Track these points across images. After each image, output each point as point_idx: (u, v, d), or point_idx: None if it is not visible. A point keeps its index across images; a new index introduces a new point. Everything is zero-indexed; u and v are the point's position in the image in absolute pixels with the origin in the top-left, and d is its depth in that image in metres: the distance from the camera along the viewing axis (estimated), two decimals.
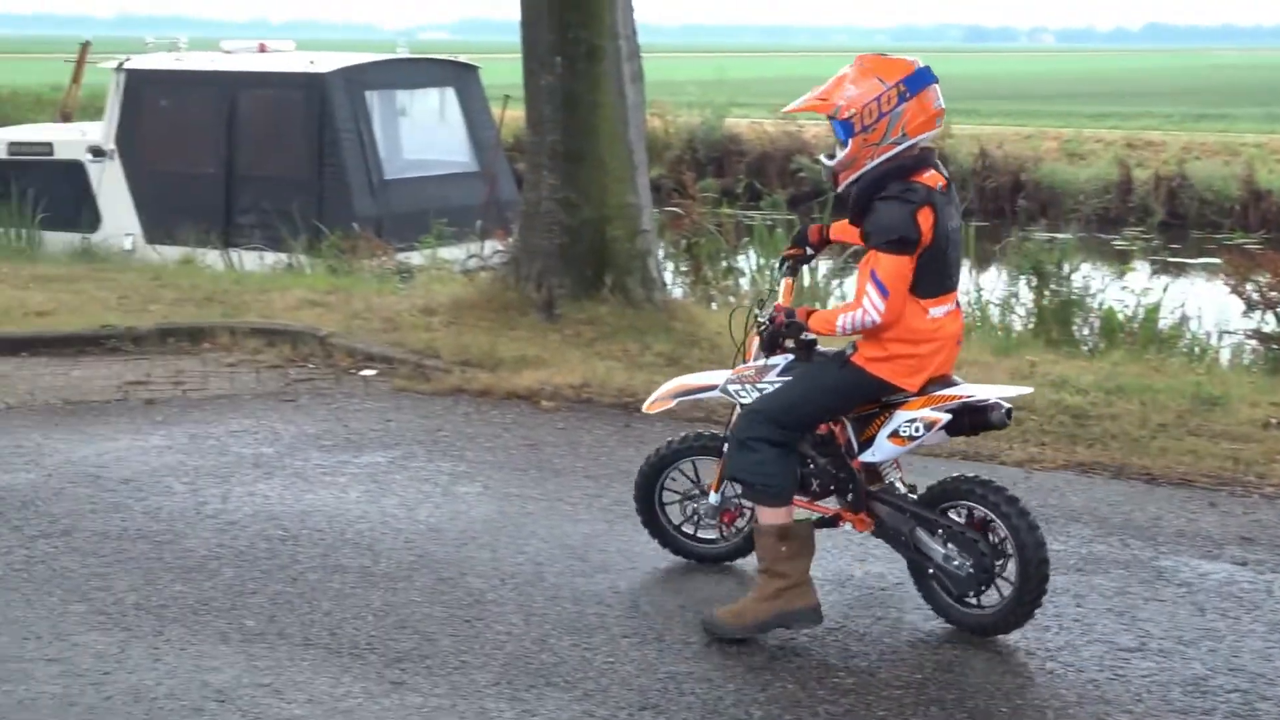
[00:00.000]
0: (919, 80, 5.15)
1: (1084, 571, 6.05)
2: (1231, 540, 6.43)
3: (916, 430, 5.29)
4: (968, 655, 5.25)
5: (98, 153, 16.58)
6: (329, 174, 15.81)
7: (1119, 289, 11.58)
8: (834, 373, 5.37)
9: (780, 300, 5.66)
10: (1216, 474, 7.25)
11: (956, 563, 5.26)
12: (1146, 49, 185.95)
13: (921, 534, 5.34)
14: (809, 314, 5.39)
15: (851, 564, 6.08)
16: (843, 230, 5.60)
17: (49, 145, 17.05)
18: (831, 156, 5.34)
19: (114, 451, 7.53)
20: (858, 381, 5.29)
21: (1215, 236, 21.73)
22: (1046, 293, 11.06)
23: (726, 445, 5.67)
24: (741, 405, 5.54)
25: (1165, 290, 11.60)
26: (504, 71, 20.90)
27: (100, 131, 16.88)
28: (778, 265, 6.01)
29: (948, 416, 5.23)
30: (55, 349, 9.68)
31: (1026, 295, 11.35)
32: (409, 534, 6.47)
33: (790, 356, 5.49)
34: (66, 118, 20.00)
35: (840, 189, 5.38)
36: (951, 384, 5.30)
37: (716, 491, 5.88)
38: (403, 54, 18.69)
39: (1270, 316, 10.68)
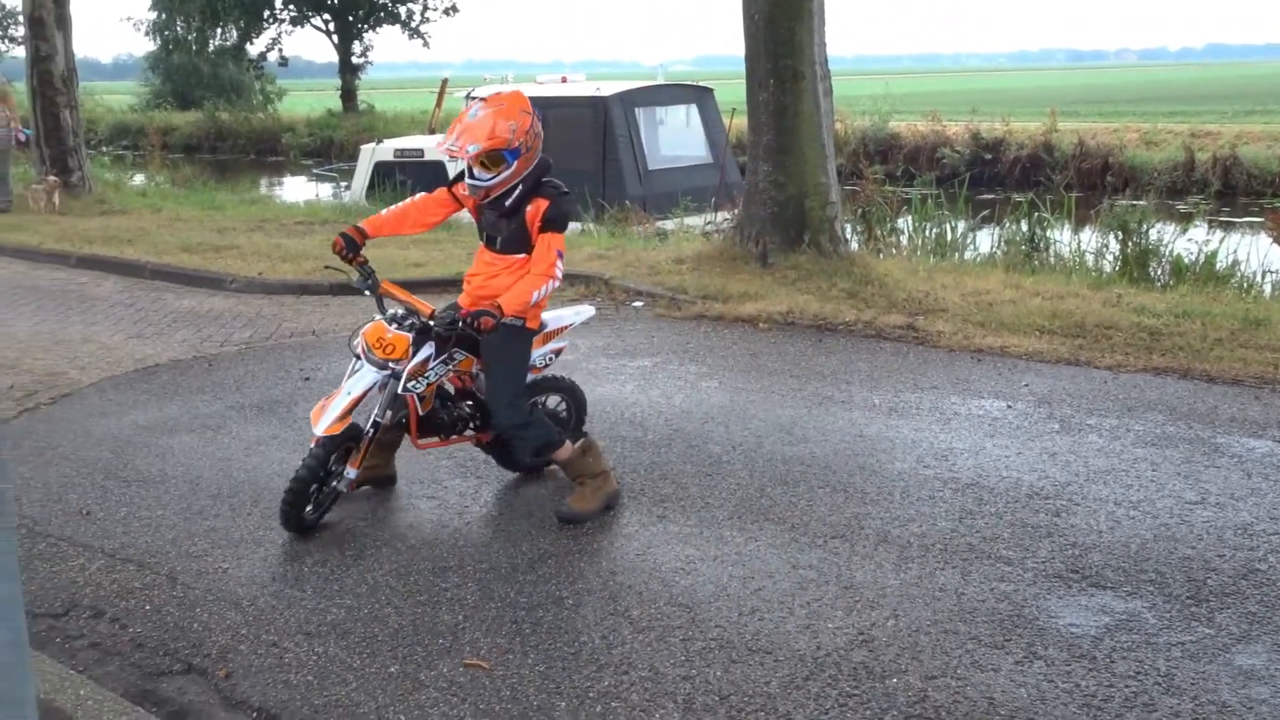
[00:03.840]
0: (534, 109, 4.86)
1: (1158, 446, 5.80)
2: (1273, 424, 6.08)
3: (549, 360, 5.33)
4: (1072, 504, 5.10)
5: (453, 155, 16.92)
6: (609, 166, 15.90)
7: (1184, 241, 11.10)
8: (526, 341, 4.99)
9: (385, 291, 5.00)
10: (1260, 375, 6.86)
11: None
12: (1208, 62, 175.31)
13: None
14: (495, 305, 4.67)
15: None
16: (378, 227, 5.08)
17: (421, 150, 17.43)
18: (478, 178, 4.78)
19: None
20: (531, 338, 5.04)
21: (1259, 201, 20.47)
22: (1129, 244, 10.64)
23: (373, 429, 4.92)
24: (405, 390, 4.83)
25: (1220, 241, 11.00)
26: (731, 91, 20.74)
27: None
28: (362, 284, 5.01)
29: (565, 344, 5.46)
30: (427, 290, 9.92)
31: (1114, 246, 10.89)
32: (668, 414, 6.51)
33: (430, 346, 4.85)
34: (432, 131, 20.44)
35: (490, 199, 4.82)
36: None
37: (356, 468, 4.98)
38: (660, 81, 18.61)
39: None
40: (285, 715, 3.59)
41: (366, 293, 5.01)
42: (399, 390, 4.85)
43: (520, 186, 4.81)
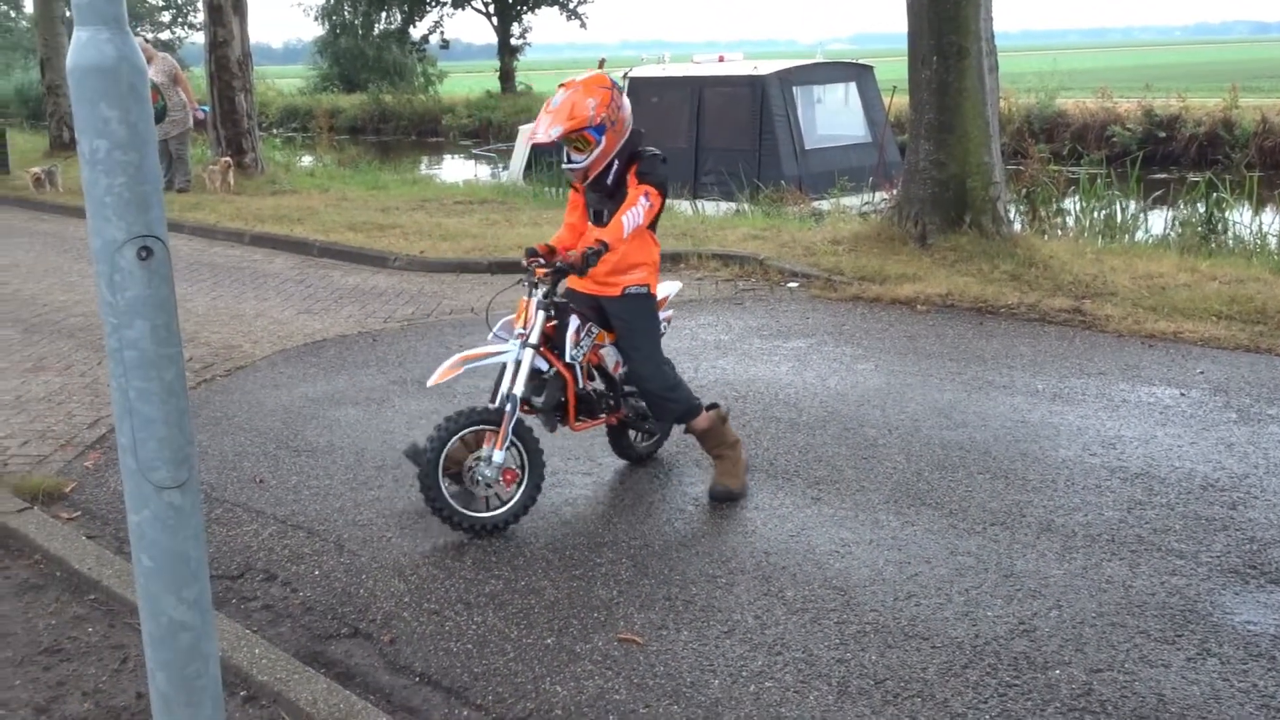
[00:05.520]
0: (617, 85, 4.87)
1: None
2: None
3: (664, 328, 5.28)
4: (1249, 497, 4.88)
5: None
6: (766, 145, 15.81)
7: None
8: (653, 305, 5.04)
9: (516, 318, 4.90)
10: None
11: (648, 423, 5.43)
12: None
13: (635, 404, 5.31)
14: (596, 240, 4.71)
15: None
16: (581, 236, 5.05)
17: None
18: (574, 161, 4.82)
19: None
20: (655, 303, 5.09)
21: None
22: None
23: (509, 407, 4.67)
24: (571, 359, 4.90)
25: None
26: (890, 69, 20.36)
27: None
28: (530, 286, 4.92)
29: (672, 312, 5.50)
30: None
31: None
32: (822, 396, 6.46)
33: (575, 319, 4.92)
34: None
35: (592, 180, 4.84)
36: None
37: (501, 449, 4.69)
38: (819, 59, 18.41)
39: None
40: (446, 681, 3.70)
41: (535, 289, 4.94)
42: (568, 357, 4.92)
43: (616, 163, 4.85)
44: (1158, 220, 12.19)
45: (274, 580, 4.45)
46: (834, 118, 17.17)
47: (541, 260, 4.91)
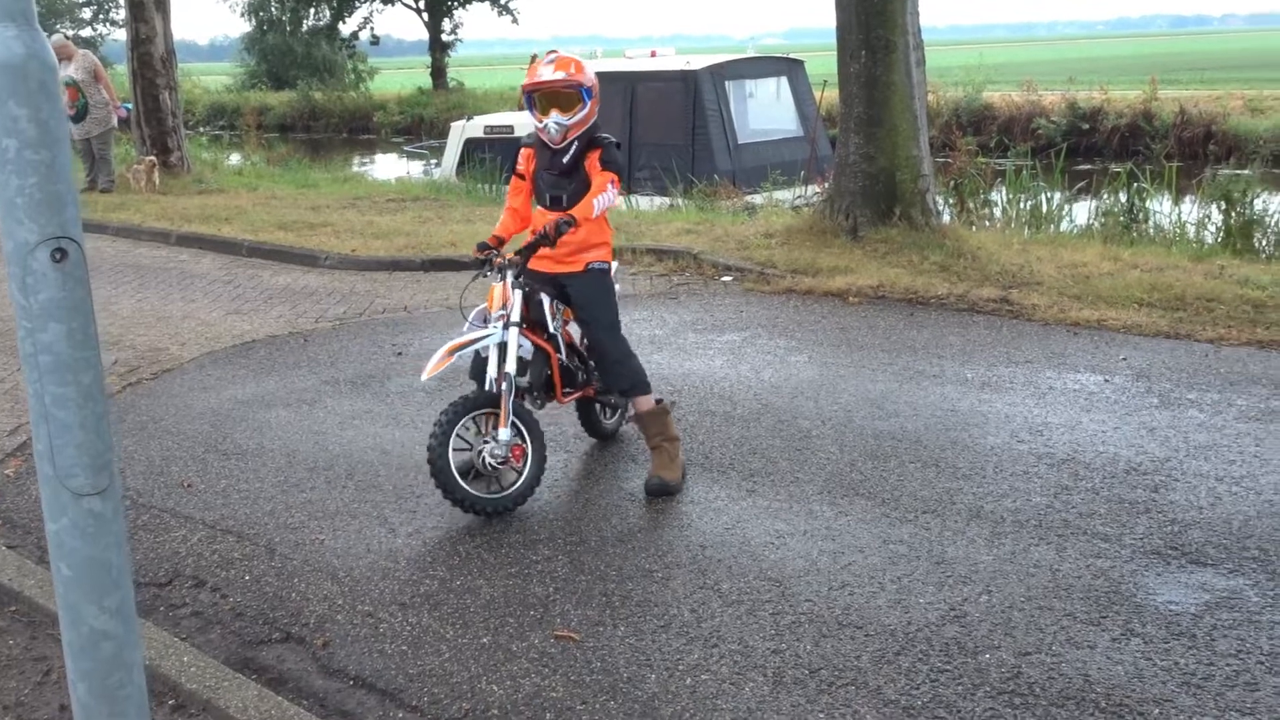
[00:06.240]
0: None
1: (1262, 421, 5.64)
2: None
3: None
4: (1171, 480, 4.98)
5: None
6: (699, 140, 15.85)
7: None
8: (609, 278, 5.22)
9: (489, 304, 4.99)
10: None
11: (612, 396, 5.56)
12: None
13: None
14: (567, 214, 4.88)
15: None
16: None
17: (510, 126, 17.53)
18: (558, 121, 4.93)
19: None
20: (610, 275, 5.27)
21: None
22: (1233, 214, 10.32)
23: (506, 385, 4.79)
24: (554, 330, 5.10)
25: None
26: (821, 64, 20.50)
27: None
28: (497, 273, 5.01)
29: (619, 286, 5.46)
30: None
31: (1216, 217, 10.59)
32: (757, 389, 6.49)
33: (547, 297, 5.07)
34: (521, 108, 20.52)
35: (565, 141, 4.99)
36: None
37: (506, 427, 4.79)
38: (751, 54, 18.49)
39: None
40: (381, 684, 3.67)
41: (503, 273, 4.99)
42: (551, 329, 5.08)
43: (576, 143, 5.01)
44: (1082, 210, 12.40)
45: (203, 586, 4.38)
46: (766, 112, 17.25)
47: (496, 251, 5.04)
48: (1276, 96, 26.60)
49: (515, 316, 4.89)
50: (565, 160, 5.01)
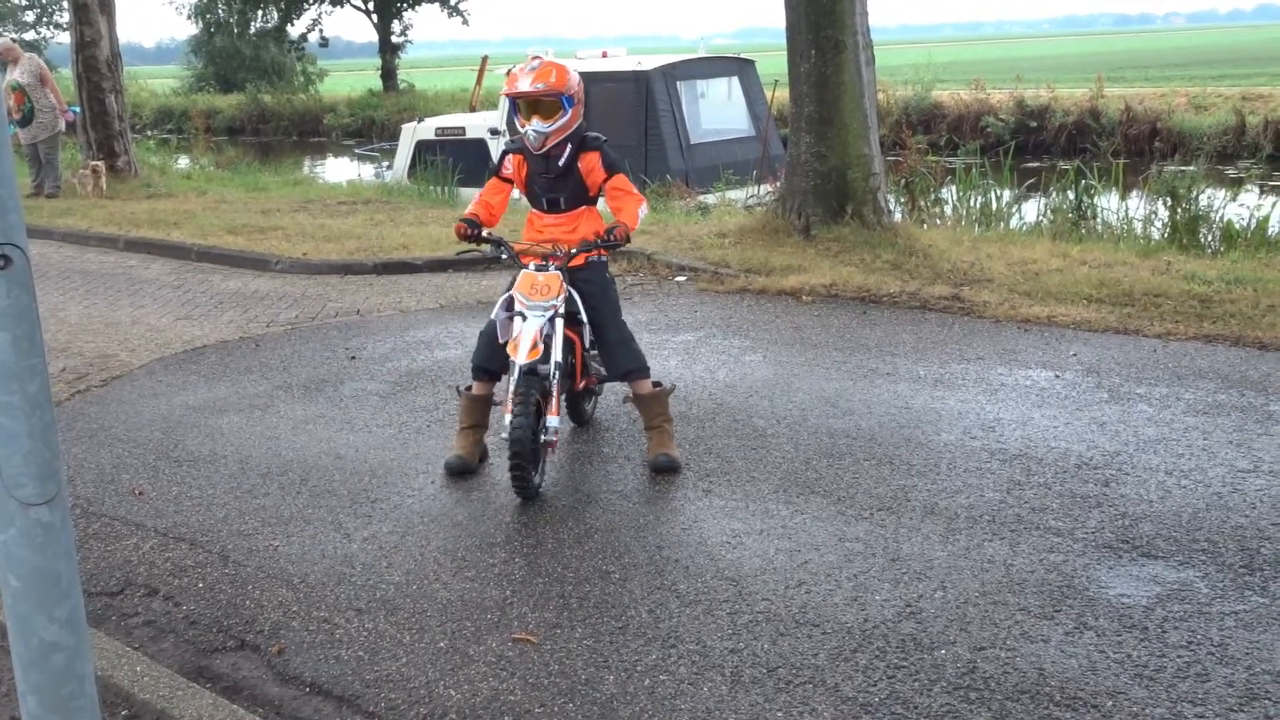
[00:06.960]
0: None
1: (1209, 414, 5.73)
2: None
3: None
4: (1121, 474, 5.05)
5: (494, 132, 16.92)
6: (651, 140, 15.86)
7: (1235, 206, 10.93)
8: (609, 272, 5.50)
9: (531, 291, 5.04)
10: None
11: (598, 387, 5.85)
12: (1258, 24, 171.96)
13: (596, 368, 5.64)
14: (621, 224, 5.11)
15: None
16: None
17: (462, 128, 17.47)
18: (538, 128, 5.08)
19: None
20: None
21: None
22: (1179, 210, 10.47)
23: (558, 375, 4.98)
24: (584, 320, 5.26)
25: (1273, 207, 10.79)
26: (773, 63, 20.59)
27: (495, 118, 17.24)
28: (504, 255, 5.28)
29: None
30: (463, 267, 9.83)
31: (1163, 213, 10.74)
32: (711, 389, 6.51)
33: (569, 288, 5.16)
34: (473, 109, 20.46)
35: (543, 162, 5.18)
36: None
37: (557, 415, 4.98)
38: (702, 54, 18.52)
39: None
40: (337, 690, 3.64)
41: (504, 257, 5.28)
42: (582, 319, 5.23)
43: (569, 145, 5.16)
44: (1031, 208, 12.53)
45: (155, 595, 4.32)
46: (718, 112, 17.30)
47: (481, 232, 5.21)
48: (1219, 94, 27.02)
49: (563, 308, 5.04)
50: (560, 164, 5.18)
